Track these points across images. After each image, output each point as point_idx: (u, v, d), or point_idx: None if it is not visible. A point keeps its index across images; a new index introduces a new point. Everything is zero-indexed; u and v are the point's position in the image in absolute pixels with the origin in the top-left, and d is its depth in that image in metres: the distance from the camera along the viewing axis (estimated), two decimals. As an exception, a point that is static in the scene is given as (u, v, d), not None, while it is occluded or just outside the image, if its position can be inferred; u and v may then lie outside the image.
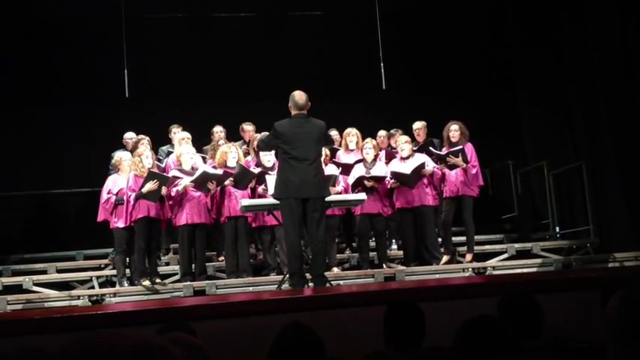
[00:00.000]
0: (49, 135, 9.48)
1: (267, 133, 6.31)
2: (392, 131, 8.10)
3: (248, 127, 8.19)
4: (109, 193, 7.04)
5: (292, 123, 5.94)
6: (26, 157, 9.39)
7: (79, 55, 9.38)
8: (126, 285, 6.88)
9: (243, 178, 7.12)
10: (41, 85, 9.40)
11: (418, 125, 8.06)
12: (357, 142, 7.67)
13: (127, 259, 7.08)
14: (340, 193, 7.29)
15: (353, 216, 7.67)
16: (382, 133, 8.31)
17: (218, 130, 8.04)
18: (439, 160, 7.49)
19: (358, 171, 7.42)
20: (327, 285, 6.02)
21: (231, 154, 7.22)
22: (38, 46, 9.36)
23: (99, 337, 1.32)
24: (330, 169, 7.28)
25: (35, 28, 9.35)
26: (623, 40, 8.26)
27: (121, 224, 6.94)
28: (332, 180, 7.12)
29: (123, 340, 1.31)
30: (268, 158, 7.29)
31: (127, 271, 7.07)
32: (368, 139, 7.61)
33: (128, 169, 7.11)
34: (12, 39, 9.26)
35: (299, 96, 5.96)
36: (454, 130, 7.56)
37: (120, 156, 7.31)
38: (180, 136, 7.56)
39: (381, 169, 7.49)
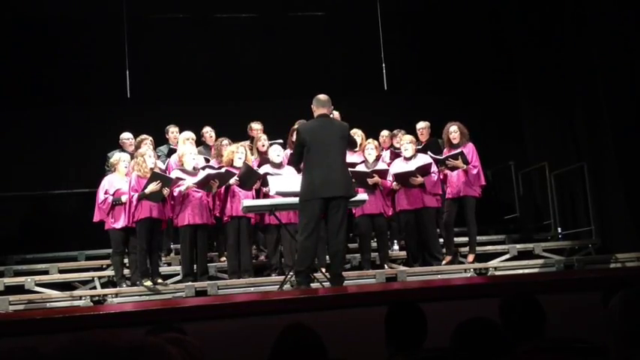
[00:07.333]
0: (51, 135, 9.50)
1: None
2: (395, 131, 8.11)
3: (256, 126, 8.20)
4: (105, 193, 7.00)
5: (315, 123, 6.01)
6: (29, 157, 9.41)
7: (81, 56, 9.40)
8: (125, 286, 6.88)
9: (249, 178, 7.11)
10: (43, 86, 9.42)
11: (422, 125, 8.06)
12: (360, 144, 7.66)
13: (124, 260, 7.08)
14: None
15: (352, 217, 7.65)
16: (385, 132, 8.30)
17: (207, 131, 8.10)
18: (439, 163, 7.49)
19: (360, 169, 7.42)
20: (344, 285, 6.02)
21: (239, 154, 7.23)
22: (39, 46, 9.38)
23: (96, 337, 1.31)
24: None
25: (37, 28, 9.37)
26: (624, 39, 8.25)
27: (117, 225, 6.91)
28: None
29: (120, 340, 1.30)
30: (277, 153, 7.30)
31: (126, 271, 7.07)
32: (370, 140, 7.62)
33: (124, 170, 7.10)
34: (13, 39, 9.28)
35: (323, 97, 6.05)
36: (454, 132, 7.57)
37: (119, 157, 7.28)
38: (184, 136, 7.56)
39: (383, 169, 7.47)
